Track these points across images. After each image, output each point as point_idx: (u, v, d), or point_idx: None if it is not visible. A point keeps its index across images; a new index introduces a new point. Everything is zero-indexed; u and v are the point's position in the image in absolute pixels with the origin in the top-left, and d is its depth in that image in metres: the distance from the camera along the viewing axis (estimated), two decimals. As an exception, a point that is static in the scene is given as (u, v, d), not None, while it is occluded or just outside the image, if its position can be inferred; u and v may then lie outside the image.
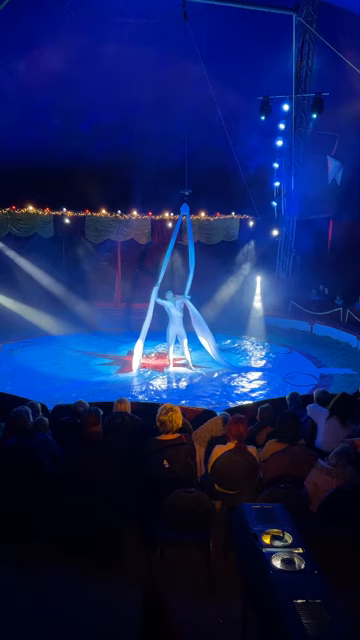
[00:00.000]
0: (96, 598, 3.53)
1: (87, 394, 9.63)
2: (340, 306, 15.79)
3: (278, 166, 16.49)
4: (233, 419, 4.64)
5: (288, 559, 2.42)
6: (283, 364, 12.61)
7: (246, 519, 2.73)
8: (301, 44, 14.32)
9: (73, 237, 17.15)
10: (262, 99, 14.53)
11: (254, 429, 5.63)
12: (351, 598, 3.04)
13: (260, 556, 2.44)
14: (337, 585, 2.51)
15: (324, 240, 17.68)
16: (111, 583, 3.69)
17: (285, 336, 15.30)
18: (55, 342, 14.18)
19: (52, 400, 8.02)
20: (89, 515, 3.79)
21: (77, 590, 3.64)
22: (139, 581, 3.66)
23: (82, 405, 5.97)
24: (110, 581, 3.70)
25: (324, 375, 11.70)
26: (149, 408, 6.07)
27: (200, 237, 17.52)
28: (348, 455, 4.05)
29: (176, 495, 3.82)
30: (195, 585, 3.78)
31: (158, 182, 13.40)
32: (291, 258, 17.46)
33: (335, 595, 2.27)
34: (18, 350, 13.38)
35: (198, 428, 5.53)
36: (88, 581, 3.70)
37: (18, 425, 4.84)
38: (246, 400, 9.76)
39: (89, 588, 3.65)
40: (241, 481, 4.53)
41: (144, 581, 3.72)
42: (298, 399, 6.44)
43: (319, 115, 14.27)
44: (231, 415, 4.91)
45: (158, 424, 4.46)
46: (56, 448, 4.95)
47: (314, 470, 4.08)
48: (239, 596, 2.96)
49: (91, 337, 14.89)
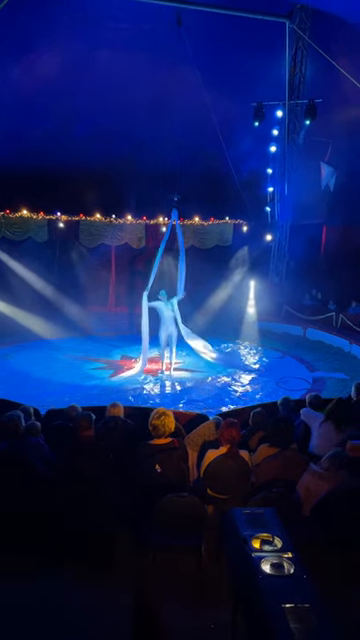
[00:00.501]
0: (88, 603, 3.53)
1: (80, 398, 9.62)
2: (333, 311, 15.87)
3: (272, 172, 16.56)
4: (226, 423, 4.66)
5: (277, 563, 2.43)
6: (276, 368, 12.63)
7: (236, 524, 2.75)
8: (294, 51, 14.41)
9: (67, 241, 17.14)
10: (256, 105, 14.62)
11: (246, 433, 5.65)
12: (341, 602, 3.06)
13: (249, 560, 2.46)
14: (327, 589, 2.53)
15: (317, 245, 17.77)
16: (103, 588, 3.69)
17: (278, 340, 15.34)
18: (48, 346, 14.14)
19: (45, 404, 8.00)
20: (81, 519, 3.79)
21: (69, 595, 3.63)
22: (131, 586, 3.66)
23: (75, 409, 5.97)
24: (102, 586, 3.70)
25: (317, 379, 11.74)
26: (142, 412, 6.07)
27: (194, 241, 17.56)
28: (340, 459, 4.08)
29: (168, 500, 3.83)
30: (187, 590, 3.78)
31: (152, 187, 13.46)
32: (284, 263, 17.52)
33: (324, 599, 2.28)
34: (11, 354, 13.33)
35: (191, 432, 5.54)
36: (80, 586, 3.69)
37: (10, 429, 4.84)
38: (239, 404, 9.77)
39: (81, 593, 3.64)
40: (233, 485, 4.54)
41: (136, 586, 3.72)
42: (290, 404, 6.46)
43: (312, 121, 14.37)
44: (224, 419, 4.93)
45: (150, 428, 4.48)
46: (48, 452, 4.95)
47: (306, 474, 4.10)
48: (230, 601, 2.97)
49: (85, 341, 14.87)
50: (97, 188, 15.43)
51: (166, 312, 11.35)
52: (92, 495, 3.98)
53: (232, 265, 17.54)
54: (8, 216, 16.08)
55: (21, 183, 14.72)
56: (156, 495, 3.90)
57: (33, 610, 3.46)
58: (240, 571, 2.60)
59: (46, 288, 16.22)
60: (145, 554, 3.97)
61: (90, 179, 15.01)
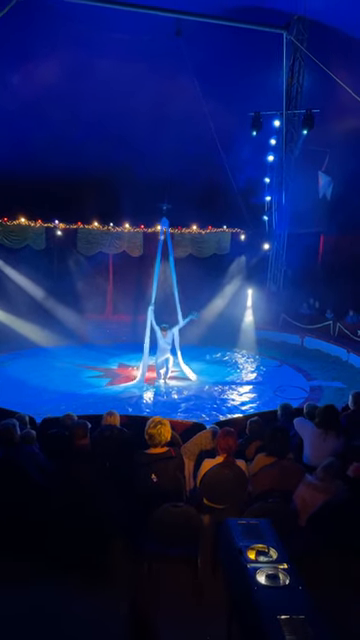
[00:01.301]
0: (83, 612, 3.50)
1: (77, 407, 9.58)
2: (330, 320, 15.89)
3: (269, 181, 16.65)
4: (222, 432, 4.64)
5: (273, 574, 2.41)
6: (274, 377, 12.62)
7: (232, 534, 2.73)
8: (292, 61, 14.52)
9: (65, 249, 17.17)
10: (253, 115, 14.71)
11: (243, 442, 5.63)
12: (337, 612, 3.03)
13: (245, 571, 2.44)
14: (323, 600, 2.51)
15: (315, 254, 17.83)
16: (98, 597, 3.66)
17: (276, 349, 15.34)
18: (45, 354, 14.12)
19: (41, 413, 7.96)
20: (77, 528, 3.77)
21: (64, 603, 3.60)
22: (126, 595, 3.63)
23: (70, 418, 5.94)
24: (97, 595, 3.67)
25: (314, 388, 11.73)
26: (138, 421, 6.05)
27: (192, 250, 17.61)
28: (335, 469, 4.06)
29: (164, 509, 3.81)
30: (182, 600, 3.75)
31: (150, 195, 13.47)
32: (282, 272, 17.56)
33: (320, 610, 2.26)
34: (8, 362, 13.29)
35: (187, 441, 5.51)
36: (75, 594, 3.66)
37: (5, 438, 4.82)
38: (236, 413, 9.75)
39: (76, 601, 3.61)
40: (230, 495, 4.52)
41: (131, 595, 3.69)
42: (290, 410, 6.43)
43: (310, 131, 14.46)
44: (220, 428, 4.91)
45: (147, 437, 4.45)
46: (43, 461, 4.92)
47: (302, 485, 4.08)
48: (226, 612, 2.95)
49: (82, 349, 14.84)
50: (95, 196, 15.47)
51: (162, 343, 11.47)
52: (88, 504, 3.96)
53: (229, 274, 17.58)
54: (6, 224, 16.12)
55: (19, 191, 14.77)
56: (152, 504, 3.88)
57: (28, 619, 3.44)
58: (235, 582, 2.58)
59: (43, 296, 16.21)
60: (141, 563, 3.94)
61: (88, 187, 15.07)
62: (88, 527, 3.81)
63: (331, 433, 5.19)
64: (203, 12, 11.77)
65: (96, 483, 4.26)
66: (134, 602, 3.58)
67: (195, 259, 17.40)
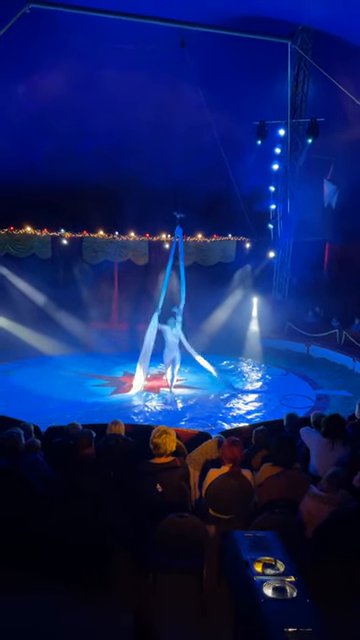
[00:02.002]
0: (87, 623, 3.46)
1: (81, 415, 9.56)
2: (336, 328, 15.82)
3: (274, 189, 16.68)
4: (228, 442, 4.60)
5: (280, 587, 2.37)
6: (280, 386, 12.56)
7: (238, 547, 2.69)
8: (296, 71, 14.57)
9: (70, 258, 17.22)
10: (258, 124, 14.77)
11: (249, 452, 5.58)
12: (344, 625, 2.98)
13: (251, 584, 2.40)
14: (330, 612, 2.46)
15: (320, 262, 17.80)
16: (103, 608, 3.62)
17: (281, 358, 15.27)
18: (50, 363, 14.11)
19: (46, 421, 7.95)
20: (80, 538, 3.73)
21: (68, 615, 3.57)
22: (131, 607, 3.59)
23: (75, 427, 5.92)
24: (102, 606, 3.63)
25: (320, 397, 11.66)
26: (143, 430, 6.02)
27: (197, 258, 17.62)
28: (339, 479, 4.01)
29: (169, 520, 3.77)
30: (187, 612, 3.70)
31: (155, 204, 13.52)
32: (287, 280, 17.53)
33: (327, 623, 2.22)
34: (13, 370, 13.30)
35: (192, 451, 5.48)
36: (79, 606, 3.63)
37: (9, 447, 4.80)
38: (242, 422, 9.70)
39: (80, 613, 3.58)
40: (236, 505, 4.47)
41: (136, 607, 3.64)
42: (296, 420, 6.39)
43: (314, 140, 14.48)
44: (226, 438, 4.88)
45: (152, 447, 4.42)
46: (48, 470, 4.90)
47: (307, 497, 4.03)
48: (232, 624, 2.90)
49: (87, 358, 14.83)
50: (100, 205, 15.54)
51: (171, 337, 11.43)
52: (91, 514, 3.93)
53: (235, 282, 17.57)
54: (12, 233, 16.20)
55: (25, 200, 14.85)
56: (157, 515, 3.84)
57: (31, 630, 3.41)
58: (242, 594, 2.55)
59: (49, 304, 16.25)
60: (145, 574, 3.90)
61: (94, 196, 15.13)
62: (92, 537, 3.77)
63: (338, 443, 5.14)
64: (207, 22, 11.85)
65: (100, 493, 4.22)
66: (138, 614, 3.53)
67: (200, 267, 17.40)
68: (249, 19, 11.85)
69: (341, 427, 5.32)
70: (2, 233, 16.11)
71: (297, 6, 11.31)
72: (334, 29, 12.22)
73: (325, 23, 12.13)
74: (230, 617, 3.10)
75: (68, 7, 11.30)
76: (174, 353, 11.51)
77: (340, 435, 5.22)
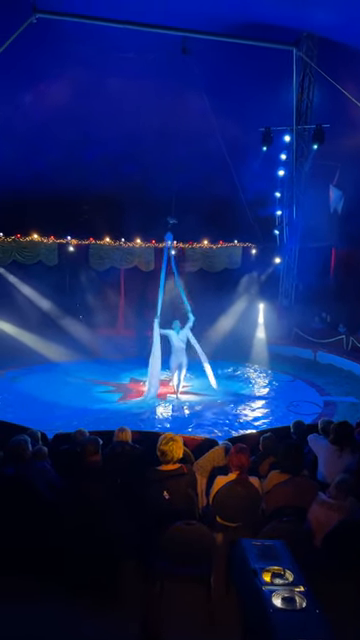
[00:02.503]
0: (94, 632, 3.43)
1: (88, 422, 9.55)
2: (343, 334, 15.76)
3: (280, 195, 16.68)
4: (235, 449, 4.58)
5: (289, 597, 2.35)
6: (287, 392, 12.51)
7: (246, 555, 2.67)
8: (302, 77, 14.61)
9: (77, 265, 17.29)
10: (263, 130, 14.79)
11: (256, 459, 5.55)
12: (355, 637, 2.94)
13: (260, 594, 2.38)
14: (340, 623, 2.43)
15: (327, 268, 17.76)
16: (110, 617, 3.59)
17: (288, 364, 15.22)
18: (57, 369, 14.13)
19: (53, 428, 7.96)
20: (87, 546, 3.72)
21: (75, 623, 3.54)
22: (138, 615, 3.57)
23: (82, 434, 5.91)
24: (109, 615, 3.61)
25: (328, 403, 11.59)
26: (150, 437, 6.01)
27: (203, 265, 17.65)
28: (347, 486, 3.97)
29: (176, 527, 3.74)
30: (195, 621, 3.66)
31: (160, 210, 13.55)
32: (293, 286, 17.50)
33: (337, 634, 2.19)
34: (20, 377, 13.33)
35: (200, 458, 5.46)
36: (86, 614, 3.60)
37: (16, 454, 4.79)
38: (249, 429, 9.66)
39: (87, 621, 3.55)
40: (243, 513, 4.44)
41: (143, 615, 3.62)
42: (302, 427, 6.36)
43: (320, 146, 14.48)
44: (233, 444, 4.85)
45: (158, 454, 4.40)
46: (54, 477, 4.89)
47: (315, 504, 3.99)
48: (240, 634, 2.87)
49: (93, 364, 14.84)
50: (107, 212, 15.61)
51: (176, 342, 11.43)
52: (98, 521, 3.91)
53: (241, 288, 17.56)
54: (19, 240, 16.31)
55: (32, 208, 14.95)
56: (164, 522, 3.82)
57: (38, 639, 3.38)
58: (250, 604, 2.52)
59: (55, 311, 16.30)
60: (152, 583, 3.87)
61: (100, 203, 15.21)
62: (98, 545, 3.75)
63: (346, 450, 5.11)
64: (212, 30, 11.90)
65: (107, 500, 4.21)
66: (145, 622, 3.51)
67: (206, 274, 17.43)
68: (254, 26, 11.89)
69: (349, 434, 5.29)
70: (9, 240, 16.22)
71: (302, 13, 11.34)
72: (339, 35, 12.24)
73: (330, 30, 12.15)
74: (238, 627, 3.07)
75: (74, 16, 11.39)
76: (180, 358, 11.49)
77: (348, 442, 5.19)
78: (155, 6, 11.18)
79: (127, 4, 11.16)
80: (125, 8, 11.25)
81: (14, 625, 3.54)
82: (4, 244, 16.22)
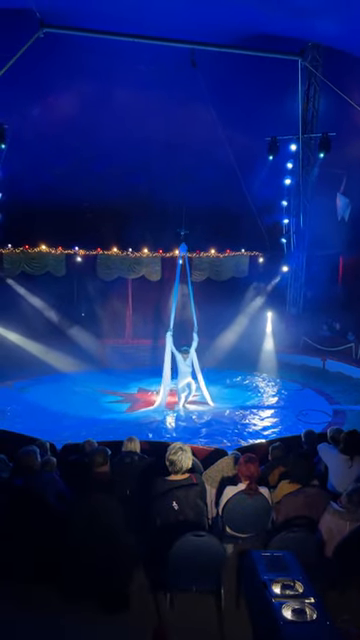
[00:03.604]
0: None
1: (97, 432, 9.53)
2: (352, 342, 15.67)
3: (287, 204, 16.71)
4: (244, 459, 4.55)
5: (299, 609, 2.32)
6: (296, 401, 12.43)
7: (256, 567, 2.64)
8: (307, 87, 14.68)
9: (85, 275, 17.34)
10: (270, 140, 14.85)
11: (265, 469, 5.52)
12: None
13: (270, 606, 2.35)
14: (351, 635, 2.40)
15: (334, 276, 17.71)
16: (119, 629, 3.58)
17: (297, 372, 15.14)
18: (66, 379, 14.14)
19: (61, 439, 7.94)
20: (96, 557, 3.70)
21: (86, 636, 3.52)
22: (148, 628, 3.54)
23: (90, 444, 5.91)
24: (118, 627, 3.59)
25: (337, 412, 11.51)
26: (159, 447, 5.99)
27: (210, 273, 17.65)
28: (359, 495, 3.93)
29: (186, 538, 3.72)
30: (205, 633, 3.63)
31: (168, 220, 13.61)
32: (301, 294, 17.46)
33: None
34: (28, 388, 13.35)
35: (209, 468, 5.43)
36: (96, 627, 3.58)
37: (26, 465, 4.80)
38: (258, 438, 9.60)
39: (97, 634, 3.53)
40: (253, 524, 4.42)
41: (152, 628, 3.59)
42: (314, 437, 6.31)
43: (326, 154, 14.51)
44: (242, 454, 4.83)
45: (167, 464, 4.38)
46: (63, 488, 4.88)
47: (326, 514, 3.96)
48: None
49: (101, 374, 14.84)
50: (114, 223, 15.69)
51: (183, 367, 11.42)
52: (107, 532, 3.89)
53: (248, 297, 17.53)
54: (27, 251, 16.39)
55: (40, 219, 15.05)
56: (173, 533, 3.79)
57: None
58: (260, 616, 2.49)
59: (63, 321, 16.34)
60: (162, 595, 3.84)
61: (107, 214, 15.29)
62: (108, 556, 3.74)
63: (356, 459, 5.06)
64: (218, 42, 12.01)
65: (116, 511, 4.19)
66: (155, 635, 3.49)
67: (214, 282, 17.43)
68: (259, 37, 12.00)
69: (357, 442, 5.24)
70: (17, 252, 16.31)
71: (307, 23, 11.41)
72: (344, 44, 12.31)
73: (335, 39, 12.23)
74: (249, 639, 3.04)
75: (81, 30, 11.55)
76: (186, 380, 11.53)
77: (359, 451, 5.14)
78: (162, 19, 11.30)
79: (134, 18, 11.29)
80: (132, 22, 11.39)
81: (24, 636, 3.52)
82: (12, 255, 16.32)
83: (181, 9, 10.75)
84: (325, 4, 9.63)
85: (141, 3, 10.46)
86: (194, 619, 3.76)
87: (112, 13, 11.16)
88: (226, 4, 10.17)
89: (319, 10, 10.08)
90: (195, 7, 10.56)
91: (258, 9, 10.51)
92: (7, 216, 14.95)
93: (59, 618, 3.64)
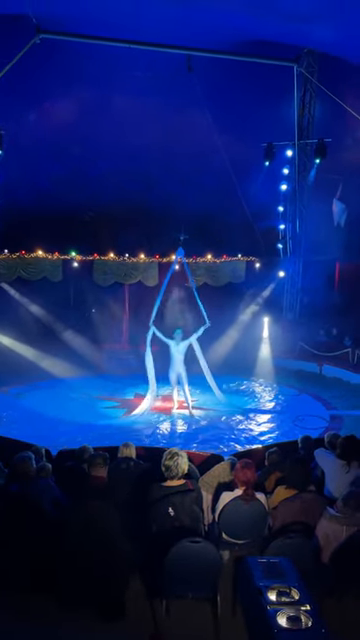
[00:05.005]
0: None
1: (93, 438, 9.48)
2: (349, 347, 15.66)
3: (283, 209, 16.77)
4: (241, 464, 4.53)
5: (294, 617, 2.29)
6: (293, 406, 12.42)
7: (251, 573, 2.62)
8: (303, 93, 14.75)
9: (81, 280, 17.32)
10: (266, 145, 14.91)
11: (262, 474, 5.50)
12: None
13: (265, 613, 2.32)
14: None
15: (331, 281, 17.74)
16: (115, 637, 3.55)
17: (294, 377, 15.14)
18: (62, 385, 14.09)
19: (57, 444, 7.90)
20: (92, 564, 3.67)
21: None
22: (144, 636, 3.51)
23: (86, 450, 5.88)
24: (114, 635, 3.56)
25: (334, 417, 11.50)
26: (155, 453, 5.96)
27: (207, 279, 17.66)
28: (355, 499, 3.90)
29: (182, 545, 3.69)
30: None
31: (165, 226, 13.64)
32: (298, 299, 17.49)
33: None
34: (24, 393, 13.30)
35: (205, 474, 5.41)
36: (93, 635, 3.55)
37: (21, 471, 4.77)
38: (255, 444, 9.58)
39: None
40: (250, 530, 4.39)
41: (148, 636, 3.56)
42: (310, 442, 6.29)
43: (322, 160, 14.57)
44: (239, 460, 4.81)
45: (163, 469, 4.35)
46: (59, 494, 4.84)
47: (323, 519, 3.93)
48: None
49: (98, 380, 14.80)
50: (111, 228, 15.70)
51: (175, 353, 11.37)
52: (103, 539, 3.86)
53: (245, 302, 17.54)
54: (23, 256, 16.37)
55: (36, 224, 15.04)
56: (169, 540, 3.76)
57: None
58: (256, 624, 2.47)
59: (60, 327, 16.31)
60: (158, 602, 3.81)
61: (104, 219, 15.30)
62: (104, 563, 3.71)
63: (354, 464, 5.04)
64: (214, 48, 12.08)
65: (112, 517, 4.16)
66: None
67: (210, 288, 17.42)
68: (255, 43, 12.07)
69: (356, 448, 5.23)
70: (14, 257, 16.28)
71: (302, 30, 11.49)
72: (339, 51, 12.40)
73: (330, 46, 12.31)
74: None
75: (77, 36, 11.60)
76: (178, 369, 11.41)
77: (356, 457, 5.13)
78: (158, 26, 11.36)
79: (130, 24, 11.34)
80: (128, 28, 11.44)
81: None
82: (9, 261, 16.29)
83: (177, 16, 10.80)
84: (319, 11, 9.69)
85: (136, 9, 10.50)
86: (190, 626, 3.73)
87: (108, 19, 11.21)
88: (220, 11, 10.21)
89: (314, 17, 10.15)
90: (190, 14, 10.61)
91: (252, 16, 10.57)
92: (3, 222, 14.93)
93: (56, 628, 3.61)
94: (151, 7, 10.27)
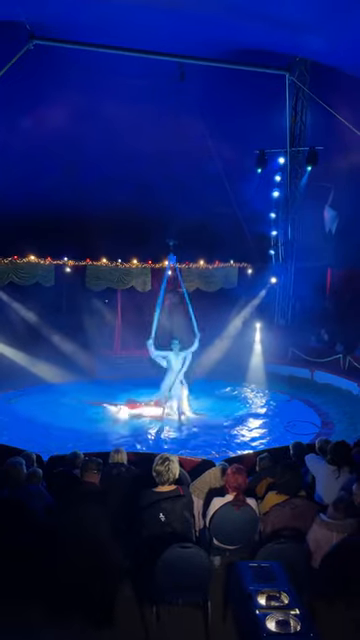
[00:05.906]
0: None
1: (84, 444, 9.44)
2: (340, 353, 15.73)
3: (275, 216, 16.87)
4: (232, 470, 4.55)
5: (283, 621, 2.31)
6: (284, 412, 12.44)
7: (241, 578, 2.63)
8: (295, 101, 14.87)
9: (74, 285, 17.28)
10: (258, 153, 15.01)
11: (253, 480, 5.51)
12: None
13: (254, 617, 2.33)
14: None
15: (322, 287, 17.83)
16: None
17: (285, 383, 15.17)
18: (53, 390, 14.03)
19: (48, 450, 7.87)
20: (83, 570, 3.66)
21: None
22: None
23: (77, 456, 5.87)
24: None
25: (326, 423, 11.53)
26: (146, 458, 5.96)
27: (199, 284, 17.70)
28: (345, 505, 3.93)
29: (173, 550, 3.69)
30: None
31: (157, 231, 13.67)
32: (290, 305, 17.57)
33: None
34: (15, 399, 13.24)
35: (196, 479, 5.41)
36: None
37: (11, 477, 4.75)
38: (246, 449, 9.58)
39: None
40: (241, 535, 4.40)
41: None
42: (302, 448, 6.31)
43: (314, 167, 14.68)
44: (230, 465, 4.82)
45: (154, 474, 4.35)
46: (49, 500, 4.83)
47: (314, 525, 3.95)
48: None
49: (90, 385, 14.74)
50: (103, 233, 15.67)
51: (175, 363, 11.36)
52: (94, 544, 3.85)
53: (237, 308, 17.58)
54: (16, 261, 16.31)
55: (29, 229, 14.99)
56: (160, 545, 3.76)
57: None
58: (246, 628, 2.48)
59: (52, 332, 16.26)
60: (148, 607, 3.81)
61: (96, 224, 15.28)
62: (94, 569, 3.70)
63: (344, 470, 5.07)
64: (206, 56, 12.15)
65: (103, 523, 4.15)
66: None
67: (203, 293, 17.45)
68: (247, 52, 12.15)
69: (347, 454, 5.26)
70: (6, 262, 16.22)
71: (294, 39, 11.58)
72: (330, 60, 12.49)
73: (321, 55, 12.41)
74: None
75: (71, 43, 11.63)
76: (174, 379, 11.40)
77: (346, 462, 5.15)
78: (151, 33, 11.42)
79: (123, 31, 11.39)
80: (121, 35, 11.49)
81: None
82: (1, 265, 16.25)
83: (168, 23, 10.86)
84: (310, 20, 9.78)
85: (129, 18, 10.56)
86: (180, 632, 3.72)
87: (102, 26, 11.25)
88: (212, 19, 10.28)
89: (305, 26, 10.24)
90: (181, 21, 10.67)
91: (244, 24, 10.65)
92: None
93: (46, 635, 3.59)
94: (143, 16, 10.32)
